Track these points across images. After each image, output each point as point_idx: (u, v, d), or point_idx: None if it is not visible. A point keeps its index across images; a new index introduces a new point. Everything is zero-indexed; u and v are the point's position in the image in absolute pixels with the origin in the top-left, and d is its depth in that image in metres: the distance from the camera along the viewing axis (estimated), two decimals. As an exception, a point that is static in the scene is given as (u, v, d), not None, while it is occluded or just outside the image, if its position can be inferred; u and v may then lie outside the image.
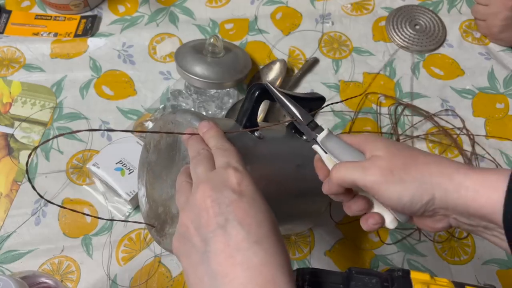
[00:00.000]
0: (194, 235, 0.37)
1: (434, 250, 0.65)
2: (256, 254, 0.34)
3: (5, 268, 0.62)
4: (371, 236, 0.65)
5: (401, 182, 0.39)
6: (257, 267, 0.34)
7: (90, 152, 0.70)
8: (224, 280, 0.34)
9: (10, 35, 0.80)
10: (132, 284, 0.61)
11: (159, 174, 0.52)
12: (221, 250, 0.35)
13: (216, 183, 0.38)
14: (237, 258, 0.34)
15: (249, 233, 0.35)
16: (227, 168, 0.39)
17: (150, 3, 0.84)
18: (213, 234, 0.36)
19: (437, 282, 0.39)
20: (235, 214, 0.36)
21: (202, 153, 0.42)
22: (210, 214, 0.36)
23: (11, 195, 0.67)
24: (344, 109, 0.75)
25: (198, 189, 0.38)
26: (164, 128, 0.51)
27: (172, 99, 0.72)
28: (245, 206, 0.36)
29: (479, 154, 0.71)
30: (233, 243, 0.35)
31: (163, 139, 0.51)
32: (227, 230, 0.35)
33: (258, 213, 0.36)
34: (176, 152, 0.49)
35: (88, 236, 0.64)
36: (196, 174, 0.40)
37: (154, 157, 0.53)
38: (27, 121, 0.72)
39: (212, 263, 0.35)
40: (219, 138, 0.43)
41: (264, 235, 0.35)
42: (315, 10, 0.85)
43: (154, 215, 0.52)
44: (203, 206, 0.37)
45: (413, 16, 0.84)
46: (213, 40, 0.70)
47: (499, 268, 0.64)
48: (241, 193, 0.37)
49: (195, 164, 0.41)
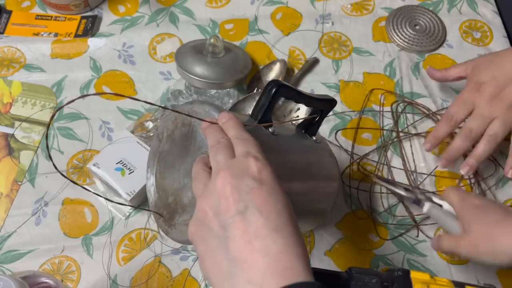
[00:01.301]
0: (212, 221, 0.37)
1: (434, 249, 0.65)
2: (275, 241, 0.35)
3: (5, 268, 0.62)
4: (371, 236, 0.66)
5: (488, 254, 0.50)
6: (276, 254, 0.34)
7: (91, 152, 0.70)
8: (243, 265, 0.34)
9: (11, 35, 0.80)
10: (132, 284, 0.62)
11: (172, 164, 0.52)
12: (240, 236, 0.35)
13: (237, 171, 0.38)
14: (255, 244, 0.34)
15: (268, 221, 0.35)
16: (248, 157, 0.39)
17: (150, 3, 0.84)
18: (232, 220, 0.36)
19: (437, 282, 0.39)
20: (255, 202, 0.36)
21: (222, 141, 0.42)
22: (229, 201, 0.36)
23: (11, 195, 0.67)
24: (345, 109, 0.75)
25: (218, 176, 0.38)
26: (180, 118, 0.51)
27: (173, 99, 0.72)
28: (265, 194, 0.37)
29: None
30: (252, 229, 0.35)
31: (178, 129, 0.51)
32: (247, 216, 0.36)
33: (277, 202, 0.37)
34: (191, 142, 0.49)
35: (88, 236, 0.64)
36: (216, 161, 0.40)
37: (167, 146, 0.53)
38: (27, 121, 0.72)
39: (231, 248, 0.35)
40: (238, 128, 0.43)
41: (283, 223, 0.36)
42: (315, 10, 0.85)
43: (163, 204, 0.52)
44: (222, 193, 0.37)
45: (413, 16, 0.84)
46: (213, 40, 0.70)
47: (499, 268, 0.64)
48: (261, 182, 0.37)
49: (215, 151, 0.41)
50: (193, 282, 0.62)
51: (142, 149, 0.66)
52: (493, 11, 0.85)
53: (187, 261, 0.63)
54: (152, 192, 0.54)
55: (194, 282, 0.62)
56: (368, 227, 0.66)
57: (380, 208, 0.67)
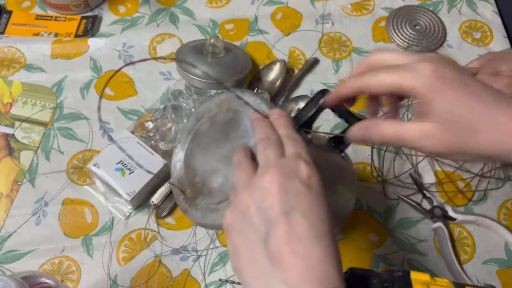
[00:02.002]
0: (255, 215, 0.37)
1: (434, 249, 0.65)
2: (316, 249, 0.35)
3: (5, 268, 0.62)
4: (371, 236, 0.66)
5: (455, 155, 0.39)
6: (315, 261, 0.34)
7: (91, 152, 0.70)
8: (280, 266, 0.34)
9: (11, 36, 0.80)
10: (132, 284, 0.62)
11: (206, 145, 0.51)
12: (281, 236, 0.35)
13: (287, 171, 0.38)
14: (296, 247, 0.34)
15: (312, 227, 0.35)
16: (298, 159, 0.39)
17: (150, 4, 0.84)
18: (276, 219, 0.36)
19: (437, 283, 0.39)
20: (301, 205, 0.36)
21: (272, 137, 0.41)
22: (275, 199, 0.36)
23: (11, 195, 0.67)
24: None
25: (267, 172, 0.38)
26: (226, 103, 0.50)
27: (173, 100, 0.72)
28: (312, 200, 0.37)
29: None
30: (294, 232, 0.35)
31: (221, 114, 0.51)
32: (291, 218, 0.35)
33: (322, 209, 0.37)
34: (233, 129, 0.49)
35: (88, 236, 0.64)
36: (266, 156, 0.40)
37: (205, 127, 0.52)
38: (27, 121, 0.72)
39: (271, 246, 0.35)
40: (289, 127, 0.43)
41: (325, 232, 0.36)
42: (315, 10, 0.85)
43: (187, 182, 0.51)
44: (270, 190, 0.37)
45: (413, 17, 0.84)
46: (214, 40, 0.70)
47: (499, 268, 0.64)
48: (310, 187, 0.37)
49: (265, 146, 0.41)
50: (193, 282, 0.62)
51: (142, 149, 0.66)
52: (493, 11, 0.85)
53: (187, 261, 0.63)
54: (178, 167, 0.53)
55: (194, 282, 0.62)
56: (368, 227, 0.66)
57: (380, 208, 0.67)
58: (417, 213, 0.67)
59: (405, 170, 0.70)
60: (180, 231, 0.65)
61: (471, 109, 0.37)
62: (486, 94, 0.37)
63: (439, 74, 0.37)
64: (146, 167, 0.58)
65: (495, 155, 0.38)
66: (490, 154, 0.37)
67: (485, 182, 0.69)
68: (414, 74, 0.38)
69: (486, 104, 0.37)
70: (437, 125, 0.38)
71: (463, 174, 0.70)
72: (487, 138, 0.37)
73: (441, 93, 0.37)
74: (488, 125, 0.37)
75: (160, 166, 0.65)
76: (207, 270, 0.63)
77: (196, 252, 0.64)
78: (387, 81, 0.39)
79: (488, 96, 0.37)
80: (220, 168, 0.48)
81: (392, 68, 0.39)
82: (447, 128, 0.37)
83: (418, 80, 0.38)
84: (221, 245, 0.64)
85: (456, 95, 0.37)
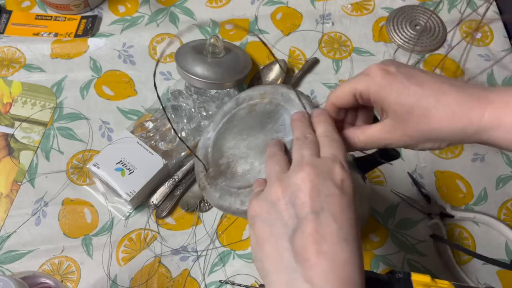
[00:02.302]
0: (285, 210, 0.37)
1: (434, 250, 0.65)
2: (343, 250, 0.35)
3: (5, 268, 0.62)
4: (372, 236, 0.65)
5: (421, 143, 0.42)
6: (341, 262, 0.35)
7: (90, 152, 0.70)
8: (305, 263, 0.35)
9: (11, 35, 0.80)
10: (132, 284, 0.62)
11: (240, 130, 0.51)
12: (309, 234, 0.35)
13: (321, 171, 0.38)
14: (323, 247, 0.35)
15: (341, 230, 0.36)
16: (335, 161, 0.39)
17: (150, 3, 0.84)
18: (305, 217, 0.36)
19: (438, 284, 0.39)
20: (332, 207, 0.36)
21: (308, 137, 0.42)
22: (307, 198, 0.37)
23: (11, 195, 0.67)
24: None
25: (302, 170, 0.38)
26: (269, 95, 0.51)
27: (172, 99, 0.72)
28: (344, 203, 0.37)
29: (479, 153, 0.71)
30: (322, 232, 0.35)
31: (262, 104, 0.51)
32: (320, 218, 0.36)
33: (352, 214, 0.37)
34: (270, 121, 0.49)
35: (88, 236, 0.64)
36: (301, 155, 0.40)
37: (243, 113, 0.52)
38: (27, 121, 0.72)
39: (297, 243, 0.36)
40: (329, 125, 0.43)
41: (353, 236, 0.36)
42: (315, 10, 0.85)
43: (212, 161, 0.51)
44: (302, 187, 0.37)
45: (413, 17, 0.84)
46: (214, 40, 0.70)
47: (499, 268, 0.64)
48: (342, 190, 0.37)
49: (301, 145, 0.41)
50: (193, 282, 0.62)
51: (142, 149, 0.66)
52: (493, 11, 0.84)
53: (187, 261, 0.63)
54: (207, 145, 0.53)
55: (194, 282, 0.62)
56: (368, 227, 0.66)
57: (380, 208, 0.67)
58: (417, 214, 0.67)
59: (405, 170, 0.70)
60: (180, 231, 0.65)
61: (418, 97, 0.39)
62: (431, 82, 0.40)
63: (385, 71, 0.41)
64: (146, 167, 0.58)
65: (452, 138, 0.40)
66: (448, 137, 0.40)
67: (485, 181, 0.69)
68: (366, 77, 0.42)
69: (432, 90, 0.39)
70: (393, 119, 0.41)
71: (463, 174, 0.70)
72: (438, 122, 0.39)
73: (390, 87, 0.40)
74: (436, 110, 0.39)
75: (160, 166, 0.65)
76: (207, 270, 0.63)
77: (196, 253, 0.64)
78: (345, 89, 0.43)
79: (433, 83, 0.40)
80: (248, 155, 0.48)
81: (350, 79, 0.44)
82: (403, 120, 0.40)
83: (369, 81, 0.41)
84: (221, 246, 0.64)
85: (403, 87, 0.40)
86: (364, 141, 0.44)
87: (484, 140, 0.39)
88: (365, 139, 0.44)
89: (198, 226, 0.66)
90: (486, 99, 0.38)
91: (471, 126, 0.39)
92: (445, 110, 0.39)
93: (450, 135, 0.40)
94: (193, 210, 0.66)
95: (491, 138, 0.39)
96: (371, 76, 0.41)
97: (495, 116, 0.38)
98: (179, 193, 0.67)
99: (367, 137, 0.44)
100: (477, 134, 0.39)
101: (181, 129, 0.70)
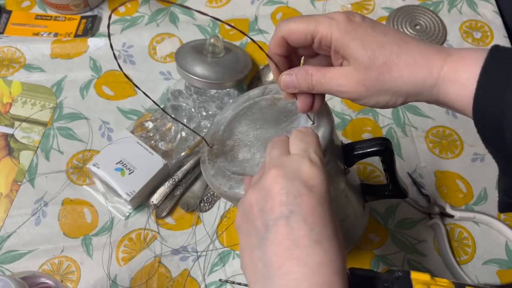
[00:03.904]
0: (257, 218, 0.36)
1: (434, 249, 0.65)
2: (315, 253, 0.33)
3: (5, 268, 0.62)
4: (371, 236, 0.65)
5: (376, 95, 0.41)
6: (314, 266, 0.33)
7: (90, 152, 0.70)
8: (277, 272, 0.33)
9: (10, 35, 0.80)
10: (132, 284, 0.61)
11: (255, 119, 0.51)
12: (279, 241, 0.34)
13: (288, 171, 0.36)
14: (294, 252, 0.33)
15: (312, 231, 0.34)
16: (303, 157, 0.37)
17: (150, 3, 0.84)
18: (275, 222, 0.34)
19: (437, 283, 0.39)
20: (301, 208, 0.34)
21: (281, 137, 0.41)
22: (275, 202, 0.35)
23: (11, 195, 0.67)
24: (345, 109, 0.75)
25: (269, 172, 0.36)
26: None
27: (172, 99, 0.72)
28: (314, 202, 0.35)
29: (479, 153, 0.71)
30: (293, 237, 0.33)
31: (285, 101, 0.51)
32: (290, 222, 0.34)
33: (324, 212, 0.35)
34: (286, 120, 0.49)
35: (88, 236, 0.64)
36: (271, 156, 0.39)
37: (264, 104, 0.52)
38: (27, 121, 0.72)
39: (268, 251, 0.34)
40: None
41: (327, 236, 0.34)
42: (315, 10, 0.85)
43: (219, 140, 0.52)
44: (270, 191, 0.35)
45: (413, 16, 0.84)
46: (214, 40, 0.70)
47: (499, 268, 0.64)
48: (312, 189, 0.35)
49: (271, 145, 0.40)
50: (193, 282, 0.62)
51: (142, 149, 0.65)
52: (493, 11, 0.84)
53: (186, 261, 0.63)
54: (221, 123, 0.53)
55: (194, 282, 0.62)
56: (368, 227, 0.66)
57: (380, 208, 0.67)
58: (417, 214, 0.67)
59: (405, 170, 0.70)
60: (180, 231, 0.65)
61: (381, 45, 0.39)
62: (394, 31, 0.40)
63: (350, 19, 0.40)
64: (146, 167, 0.58)
65: (412, 90, 0.39)
66: (408, 89, 0.39)
67: (485, 181, 0.69)
68: (329, 20, 0.40)
69: (395, 38, 0.39)
70: (353, 67, 0.40)
71: (463, 174, 0.70)
72: (400, 71, 0.38)
73: (353, 34, 0.39)
74: (399, 58, 0.38)
75: (160, 166, 0.65)
76: (207, 270, 0.63)
77: (196, 253, 0.64)
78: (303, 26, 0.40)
79: (396, 33, 0.40)
80: (253, 145, 0.49)
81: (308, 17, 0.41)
82: (363, 68, 0.39)
83: (333, 25, 0.40)
84: (221, 246, 0.64)
85: (367, 34, 0.39)
86: (318, 82, 0.42)
87: (441, 96, 0.39)
88: (319, 80, 0.42)
89: (198, 226, 0.66)
90: (446, 51, 0.38)
91: (430, 77, 0.38)
92: (407, 58, 0.38)
93: (408, 87, 0.39)
94: (193, 210, 0.66)
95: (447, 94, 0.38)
96: (336, 21, 0.40)
97: (452, 69, 0.38)
98: (179, 193, 0.67)
99: (321, 78, 0.41)
100: (435, 88, 0.38)
101: (181, 129, 0.70)
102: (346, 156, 0.51)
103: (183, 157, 0.69)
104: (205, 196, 0.67)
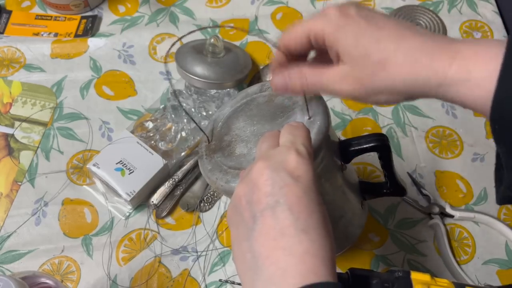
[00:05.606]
0: (245, 210, 0.36)
1: (434, 249, 0.65)
2: (301, 242, 0.33)
3: (5, 268, 0.62)
4: (371, 236, 0.65)
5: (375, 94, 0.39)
6: (300, 255, 0.33)
7: (90, 152, 0.70)
8: (265, 262, 0.33)
9: (11, 35, 0.80)
10: (132, 284, 0.61)
11: (252, 115, 0.52)
12: (266, 232, 0.34)
13: (274, 162, 0.36)
14: (280, 242, 0.33)
15: (298, 220, 0.34)
16: (290, 149, 0.37)
17: (150, 3, 0.84)
18: (261, 213, 0.35)
19: (437, 283, 0.39)
20: (287, 198, 0.34)
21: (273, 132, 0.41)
22: (261, 193, 0.35)
23: (11, 195, 0.67)
24: (345, 109, 0.75)
25: (256, 165, 0.37)
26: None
27: (172, 99, 0.72)
28: (299, 192, 0.35)
29: (479, 153, 0.71)
30: (279, 227, 0.34)
31: (282, 97, 0.51)
32: (276, 212, 0.34)
33: (310, 202, 0.35)
34: (282, 116, 0.49)
35: (88, 236, 0.64)
36: (260, 150, 0.39)
37: (262, 100, 0.53)
38: (27, 121, 0.72)
39: (255, 243, 0.34)
40: None
41: (313, 225, 0.34)
42: (315, 10, 0.85)
43: (216, 136, 0.52)
44: (256, 183, 0.36)
45: (413, 16, 0.84)
46: (214, 40, 0.70)
47: (499, 268, 0.64)
48: (298, 179, 0.35)
49: (262, 140, 0.40)
50: (193, 282, 0.62)
51: (142, 149, 0.65)
52: (493, 11, 0.84)
53: (187, 261, 0.63)
54: (219, 119, 0.54)
55: (194, 282, 0.62)
56: (368, 227, 0.66)
57: (380, 208, 0.67)
58: (417, 214, 0.67)
59: (405, 170, 0.70)
60: (180, 231, 0.65)
61: (376, 41, 0.37)
62: (392, 25, 0.37)
63: (343, 12, 0.38)
64: (146, 167, 0.58)
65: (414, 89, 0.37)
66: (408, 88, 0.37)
67: (485, 181, 0.69)
68: (322, 17, 0.39)
69: (391, 35, 0.37)
70: (349, 65, 0.38)
71: (463, 174, 0.70)
72: (397, 69, 0.36)
73: (346, 29, 0.38)
74: (396, 55, 0.36)
75: (160, 166, 0.65)
76: (207, 270, 0.63)
77: (196, 252, 0.64)
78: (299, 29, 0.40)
79: (394, 27, 0.37)
80: (250, 141, 0.49)
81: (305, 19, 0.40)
82: (358, 65, 0.38)
83: (325, 21, 0.38)
84: (221, 246, 0.64)
85: (361, 28, 0.37)
86: (312, 84, 0.41)
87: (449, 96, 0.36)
88: (314, 82, 0.41)
89: (198, 226, 0.66)
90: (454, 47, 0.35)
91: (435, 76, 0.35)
92: (406, 56, 0.36)
93: (409, 86, 0.37)
94: (193, 210, 0.66)
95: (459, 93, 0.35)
96: (328, 16, 0.38)
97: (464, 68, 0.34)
98: (179, 193, 0.67)
99: (316, 80, 0.41)
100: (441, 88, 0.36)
101: (181, 129, 0.70)
102: (343, 152, 0.50)
103: (183, 157, 0.69)
104: (205, 196, 0.67)
